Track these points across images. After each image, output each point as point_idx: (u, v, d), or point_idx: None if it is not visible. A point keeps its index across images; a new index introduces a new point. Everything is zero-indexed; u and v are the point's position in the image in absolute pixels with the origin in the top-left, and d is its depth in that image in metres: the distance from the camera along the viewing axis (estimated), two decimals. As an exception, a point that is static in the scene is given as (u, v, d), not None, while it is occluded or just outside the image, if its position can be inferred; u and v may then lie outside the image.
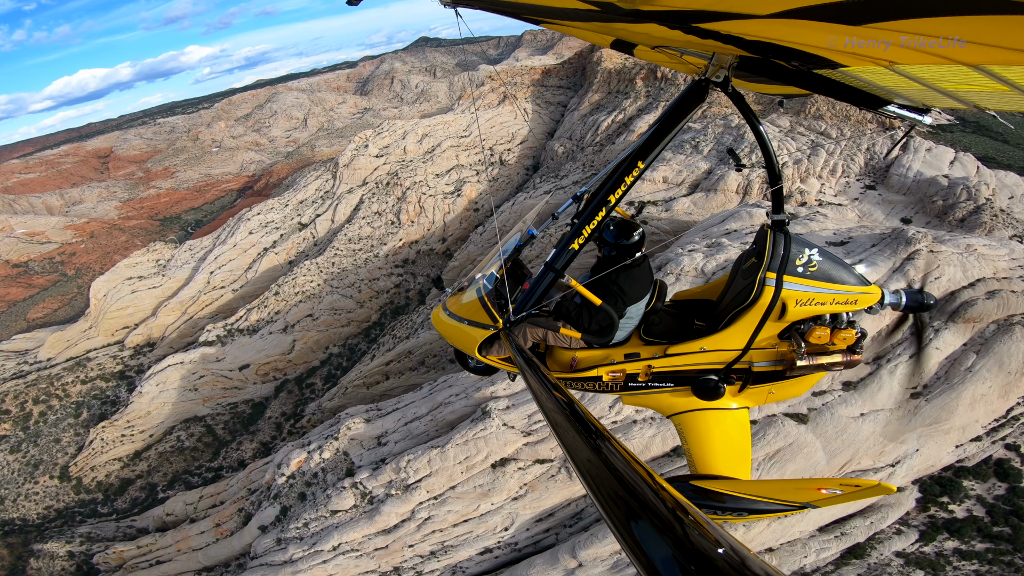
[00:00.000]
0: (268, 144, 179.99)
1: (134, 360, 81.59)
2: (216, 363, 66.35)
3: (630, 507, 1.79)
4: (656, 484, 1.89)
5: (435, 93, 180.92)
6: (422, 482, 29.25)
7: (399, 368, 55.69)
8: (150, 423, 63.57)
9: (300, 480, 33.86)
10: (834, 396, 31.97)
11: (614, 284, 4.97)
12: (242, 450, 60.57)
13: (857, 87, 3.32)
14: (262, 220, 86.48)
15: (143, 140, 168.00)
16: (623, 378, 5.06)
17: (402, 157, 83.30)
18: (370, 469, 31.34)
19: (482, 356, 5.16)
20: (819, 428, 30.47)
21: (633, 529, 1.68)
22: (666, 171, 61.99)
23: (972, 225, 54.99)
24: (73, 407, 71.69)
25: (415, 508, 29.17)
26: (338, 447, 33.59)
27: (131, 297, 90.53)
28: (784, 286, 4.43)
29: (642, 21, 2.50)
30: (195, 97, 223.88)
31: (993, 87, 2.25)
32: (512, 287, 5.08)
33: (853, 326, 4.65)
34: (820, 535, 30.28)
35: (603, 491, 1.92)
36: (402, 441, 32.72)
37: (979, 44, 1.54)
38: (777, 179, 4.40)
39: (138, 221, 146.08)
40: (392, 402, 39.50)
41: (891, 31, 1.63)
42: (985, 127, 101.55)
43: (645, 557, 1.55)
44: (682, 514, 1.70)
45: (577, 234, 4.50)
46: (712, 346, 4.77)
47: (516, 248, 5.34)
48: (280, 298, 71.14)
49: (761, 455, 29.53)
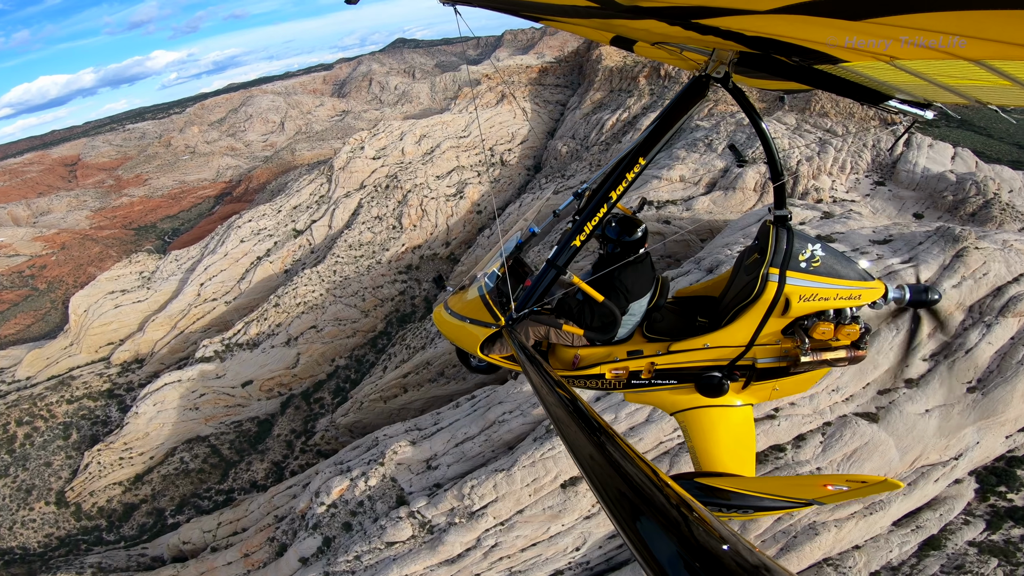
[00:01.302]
0: (244, 149, 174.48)
1: (122, 377, 77.33)
2: (216, 380, 62.90)
3: (635, 504, 1.79)
4: (661, 481, 1.88)
5: (416, 94, 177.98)
6: (488, 508, 27.37)
7: (417, 380, 53.40)
8: (149, 445, 59.80)
9: (343, 509, 31.58)
10: (900, 394, 31.87)
11: (617, 281, 4.94)
12: (253, 471, 57.31)
13: (858, 82, 3.28)
14: (254, 227, 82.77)
15: (112, 147, 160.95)
16: (626, 375, 5.03)
17: (400, 159, 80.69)
18: (425, 496, 29.26)
19: (484, 354, 5.08)
20: (890, 426, 30.29)
21: (638, 526, 1.68)
22: (683, 170, 61.18)
23: (983, 219, 55.60)
24: (60, 428, 67.31)
25: (481, 535, 27.30)
26: (384, 473, 31.40)
27: (115, 312, 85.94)
28: (787, 282, 4.40)
29: (642, 17, 2.48)
30: (164, 102, 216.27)
31: (995, 82, 2.22)
32: (514, 285, 4.99)
33: (857, 321, 4.61)
34: (898, 529, 29.97)
35: (608, 489, 1.89)
36: (455, 464, 30.73)
37: (980, 39, 1.52)
38: (779, 175, 4.39)
39: (111, 231, 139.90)
40: (428, 419, 37.41)
41: (891, 26, 1.62)
42: (969, 122, 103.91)
43: (650, 554, 1.54)
44: (687, 511, 1.70)
45: (579, 231, 4.48)
46: (715, 343, 4.74)
47: (517, 246, 5.25)
48: (281, 310, 67.90)
49: (839, 456, 29.10)
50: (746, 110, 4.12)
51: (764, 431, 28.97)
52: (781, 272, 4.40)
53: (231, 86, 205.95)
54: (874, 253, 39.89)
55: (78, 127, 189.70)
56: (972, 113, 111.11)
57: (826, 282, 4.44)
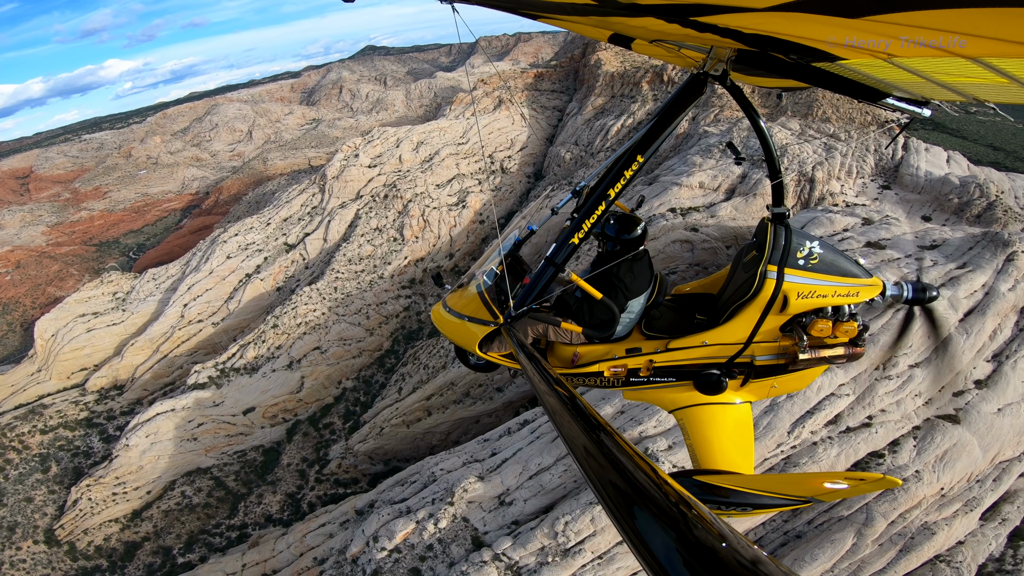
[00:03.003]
0: (211, 159, 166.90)
1: (101, 405, 71.54)
2: (215, 408, 58.31)
3: (633, 502, 1.78)
4: (659, 479, 1.89)
5: (392, 102, 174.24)
6: (585, 543, 25.19)
7: (441, 402, 50.48)
8: (145, 479, 54.72)
9: (409, 553, 28.71)
10: (973, 395, 32.33)
11: (615, 278, 4.96)
12: (265, 504, 52.92)
13: (856, 80, 3.27)
14: (241, 242, 77.95)
15: (68, 158, 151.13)
16: (624, 373, 5.02)
17: (398, 167, 77.39)
18: (507, 536, 26.77)
19: (483, 352, 5.04)
20: (972, 426, 30.56)
21: (637, 524, 1.68)
22: (702, 176, 60.51)
23: (988, 221, 56.96)
24: (37, 460, 61.29)
25: (576, 572, 25.11)
26: (455, 513, 28.69)
27: (87, 336, 79.81)
28: (785, 279, 4.41)
29: (640, 15, 2.50)
30: (119, 112, 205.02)
31: (992, 79, 2.22)
32: (512, 283, 4.94)
33: (855, 318, 4.62)
34: (986, 524, 29.78)
35: (606, 486, 1.89)
36: (533, 499, 28.34)
37: (977, 37, 1.54)
38: (777, 173, 4.51)
39: (71, 247, 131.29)
40: (482, 448, 34.87)
41: (889, 24, 1.63)
42: (942, 125, 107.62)
43: (649, 551, 1.55)
44: (686, 508, 1.70)
45: (577, 228, 4.45)
46: (714, 340, 4.73)
47: (516, 244, 5.27)
48: (280, 331, 63.65)
49: (932, 458, 29.16)
50: (744, 108, 4.12)
51: (864, 439, 28.77)
52: (779, 269, 4.38)
53: (193, 95, 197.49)
54: (928, 259, 40.01)
55: (28, 138, 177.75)
56: (944, 116, 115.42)
57: (824, 279, 4.42)
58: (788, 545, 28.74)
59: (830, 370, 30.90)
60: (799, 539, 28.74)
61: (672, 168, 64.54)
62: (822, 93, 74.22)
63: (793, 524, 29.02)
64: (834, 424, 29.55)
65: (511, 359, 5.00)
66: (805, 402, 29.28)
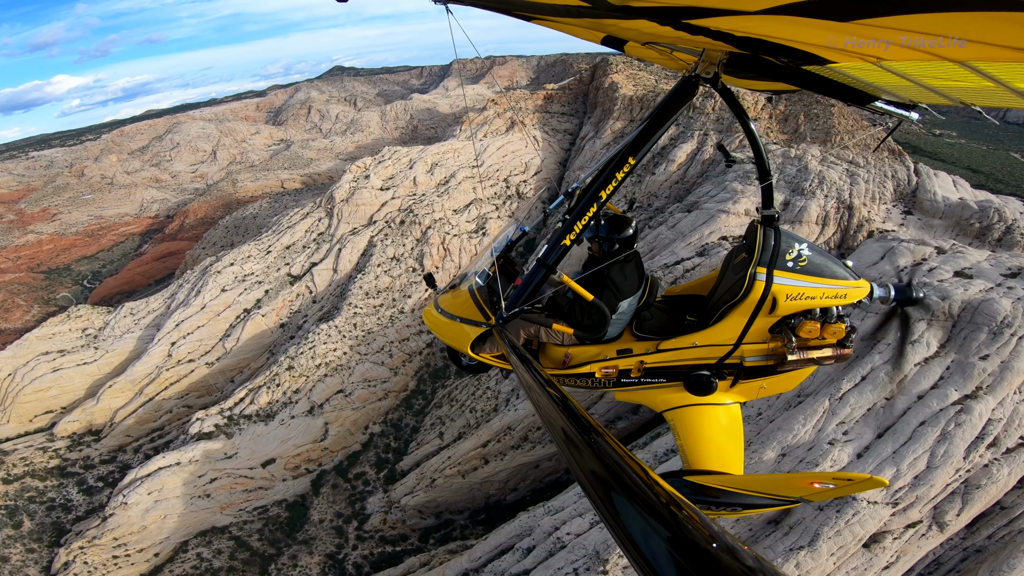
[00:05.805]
0: (171, 180, 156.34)
1: (74, 452, 62.88)
2: (227, 460, 51.59)
3: (625, 503, 1.79)
4: (650, 479, 1.90)
5: (367, 123, 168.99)
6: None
7: (499, 449, 46.08)
8: (150, 540, 47.16)
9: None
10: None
11: (606, 279, 4.94)
12: (303, 567, 46.18)
13: (845, 83, 3.28)
14: (237, 272, 71.12)
15: (12, 176, 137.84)
16: (615, 374, 5.00)
17: (412, 190, 72.90)
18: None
19: (475, 353, 4.99)
20: None
21: (628, 524, 1.69)
22: (746, 204, 59.43)
23: (1009, 244, 58.28)
24: (5, 514, 52.63)
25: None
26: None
27: (53, 376, 70.78)
28: (774, 281, 4.41)
29: (633, 17, 2.49)
30: (67, 130, 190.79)
31: (979, 83, 2.25)
32: (504, 284, 4.89)
33: (843, 320, 4.60)
34: None
35: (597, 487, 1.91)
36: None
37: (967, 41, 1.56)
38: (767, 175, 4.56)
39: (16, 274, 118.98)
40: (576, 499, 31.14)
41: (879, 27, 1.65)
42: (917, 147, 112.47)
43: (640, 553, 1.56)
44: (676, 509, 1.71)
45: (569, 230, 4.43)
46: (704, 341, 4.73)
47: (508, 245, 5.25)
48: (296, 373, 57.50)
49: None
50: (734, 110, 4.14)
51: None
52: (768, 271, 4.39)
53: (151, 112, 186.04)
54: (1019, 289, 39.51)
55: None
56: (918, 139, 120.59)
57: (813, 281, 4.43)
58: (969, 560, 28.09)
59: (982, 397, 29.70)
60: (979, 553, 28.33)
61: (710, 195, 63.39)
62: (838, 119, 75.31)
63: (973, 540, 28.56)
64: (995, 446, 28.77)
65: (503, 360, 4.94)
66: (972, 429, 28.31)
